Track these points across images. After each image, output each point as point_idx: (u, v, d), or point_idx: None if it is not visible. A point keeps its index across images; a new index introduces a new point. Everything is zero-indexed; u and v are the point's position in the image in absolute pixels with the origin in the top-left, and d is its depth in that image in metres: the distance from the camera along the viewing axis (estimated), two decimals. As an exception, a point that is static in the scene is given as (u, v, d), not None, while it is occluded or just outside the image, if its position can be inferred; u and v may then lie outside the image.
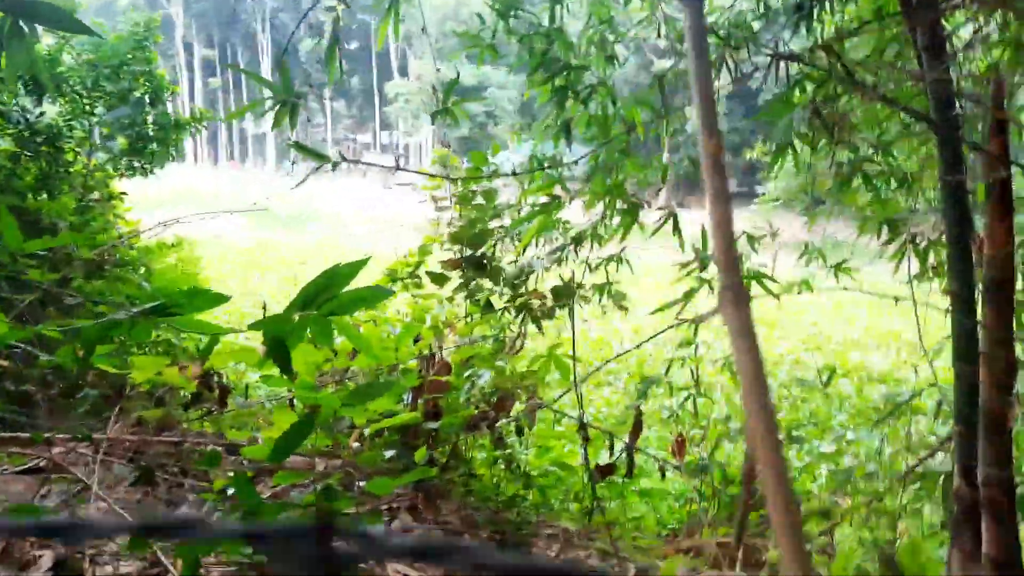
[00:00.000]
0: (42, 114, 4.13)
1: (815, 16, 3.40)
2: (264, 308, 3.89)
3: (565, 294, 4.35)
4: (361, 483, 2.32)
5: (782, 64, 3.16)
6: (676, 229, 3.15)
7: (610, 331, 12.67)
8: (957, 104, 2.32)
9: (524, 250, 3.79)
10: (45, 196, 3.82)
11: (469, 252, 4.56)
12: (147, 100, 4.79)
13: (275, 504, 1.60)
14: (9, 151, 3.87)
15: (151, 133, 4.89)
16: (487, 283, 4.53)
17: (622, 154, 3.33)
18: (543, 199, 3.40)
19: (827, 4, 3.40)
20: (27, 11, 1.45)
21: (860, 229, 3.86)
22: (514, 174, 3.13)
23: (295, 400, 2.80)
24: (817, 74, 2.64)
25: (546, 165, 3.03)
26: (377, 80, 60.44)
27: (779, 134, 3.08)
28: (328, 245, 27.90)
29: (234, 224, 33.62)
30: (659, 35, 3.19)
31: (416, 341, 3.46)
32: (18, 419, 2.86)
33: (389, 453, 2.23)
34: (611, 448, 3.09)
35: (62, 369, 2.65)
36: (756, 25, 3.74)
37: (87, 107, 4.44)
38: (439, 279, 4.52)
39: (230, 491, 2.18)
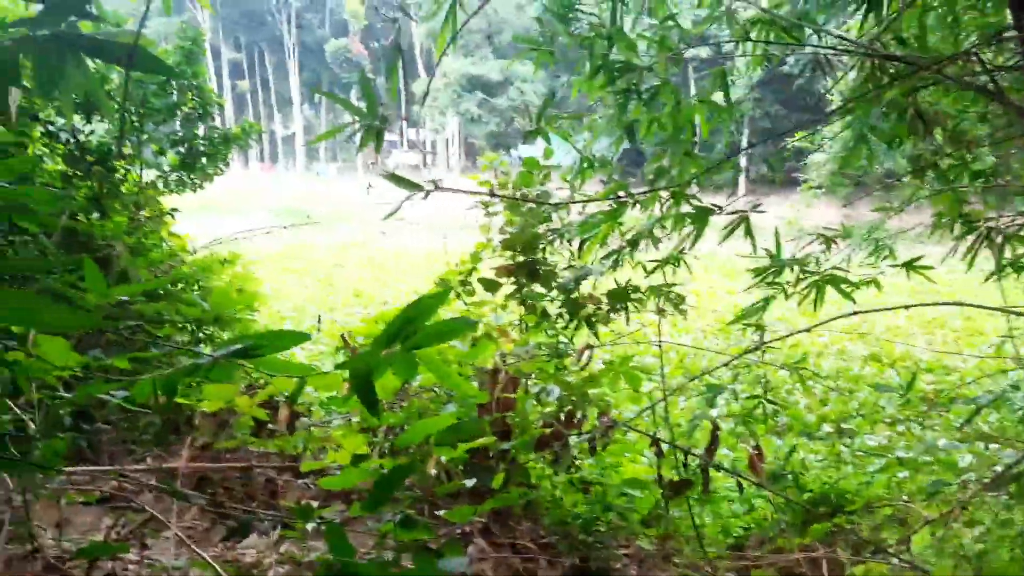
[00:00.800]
0: (92, 133, 4.12)
1: (884, 6, 3.24)
2: (319, 321, 3.83)
3: (622, 298, 4.24)
4: (438, 511, 2.24)
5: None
6: (748, 232, 3.02)
7: (658, 332, 12.52)
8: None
9: (583, 256, 3.68)
10: (97, 216, 3.80)
11: (521, 257, 4.46)
12: (196, 115, 4.78)
13: (371, 564, 1.51)
14: (60, 171, 3.86)
15: (201, 148, 4.87)
16: (541, 289, 4.44)
17: (687, 156, 3.21)
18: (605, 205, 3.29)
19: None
20: (112, 58, 1.38)
21: (935, 223, 3.70)
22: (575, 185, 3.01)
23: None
24: (902, 69, 2.49)
25: (611, 179, 2.91)
26: (402, 77, 60.48)
27: (857, 126, 2.94)
28: (359, 245, 28.04)
29: (268, 226, 33.97)
30: (730, 31, 3.06)
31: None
32: (83, 446, 2.83)
33: (470, 482, 2.15)
34: (684, 464, 2.98)
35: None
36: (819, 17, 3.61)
37: (136, 123, 4.42)
38: (492, 286, 4.42)
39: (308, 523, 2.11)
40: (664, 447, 2.91)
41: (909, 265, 3.76)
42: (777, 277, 3.11)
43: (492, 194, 2.69)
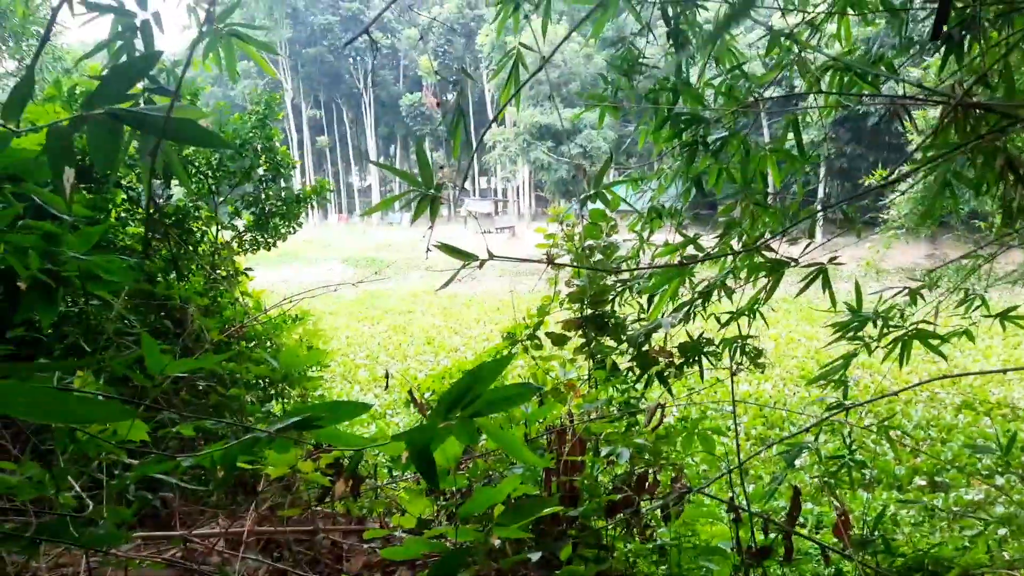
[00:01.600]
0: (170, 197, 4.29)
1: (965, 47, 3.10)
2: (387, 376, 3.82)
3: (695, 351, 4.10)
4: (503, 583, 2.15)
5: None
6: (826, 284, 2.88)
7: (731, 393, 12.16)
8: None
9: (654, 310, 3.58)
10: (174, 277, 3.92)
11: (589, 311, 4.39)
12: (270, 176, 4.93)
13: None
14: (139, 235, 4.01)
15: (274, 208, 5.02)
16: (610, 342, 4.34)
17: (759, 206, 3.10)
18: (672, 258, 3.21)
19: (980, 34, 3.09)
20: (167, 132, 1.41)
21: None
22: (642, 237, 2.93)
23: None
24: (991, 117, 2.35)
25: (681, 230, 2.83)
26: (474, 127, 61.69)
27: (939, 180, 2.79)
28: (431, 292, 28.41)
29: (343, 275, 34.86)
30: (803, 78, 2.96)
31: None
32: (153, 507, 2.86)
33: (535, 555, 2.06)
34: (764, 529, 2.81)
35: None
36: (893, 59, 3.48)
37: (212, 187, 4.58)
38: (560, 340, 4.35)
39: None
40: (744, 512, 2.76)
41: (1004, 315, 3.53)
42: (859, 331, 2.95)
43: (550, 262, 2.63)
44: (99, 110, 1.40)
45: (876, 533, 3.45)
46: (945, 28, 3.02)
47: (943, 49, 3.09)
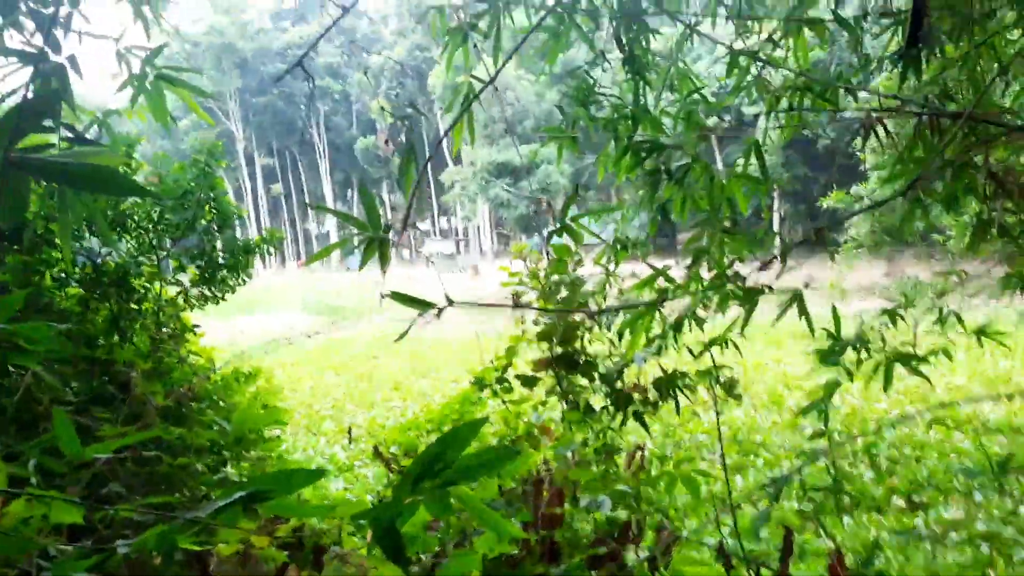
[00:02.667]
0: (109, 254, 4.05)
1: (924, 61, 3.06)
2: (349, 433, 3.62)
3: (670, 385, 3.98)
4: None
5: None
6: (802, 311, 2.77)
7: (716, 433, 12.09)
8: None
9: (629, 348, 3.45)
10: (117, 339, 3.68)
11: (559, 349, 4.24)
12: (215, 227, 4.71)
13: None
14: (78, 295, 3.77)
15: (221, 260, 4.79)
16: (583, 381, 4.19)
17: (726, 233, 3.00)
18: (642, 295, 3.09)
19: (936, 48, 3.06)
20: (76, 180, 1.23)
21: (1003, 284, 3.42)
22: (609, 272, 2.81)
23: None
24: (977, 129, 2.28)
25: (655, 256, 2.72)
26: (432, 169, 61.96)
27: (907, 189, 2.72)
28: (393, 336, 28.02)
29: (303, 323, 34.23)
30: (762, 98, 2.89)
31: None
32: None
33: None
34: (757, 574, 2.65)
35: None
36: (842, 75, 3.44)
37: (154, 241, 4.35)
38: (530, 382, 4.19)
39: None
40: (737, 558, 2.60)
41: (982, 332, 3.47)
42: (840, 357, 2.84)
43: (516, 305, 2.49)
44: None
45: (871, 565, 3.31)
46: (902, 42, 2.98)
47: (900, 64, 3.05)
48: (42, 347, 2.00)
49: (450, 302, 1.52)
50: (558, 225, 2.12)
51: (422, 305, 1.47)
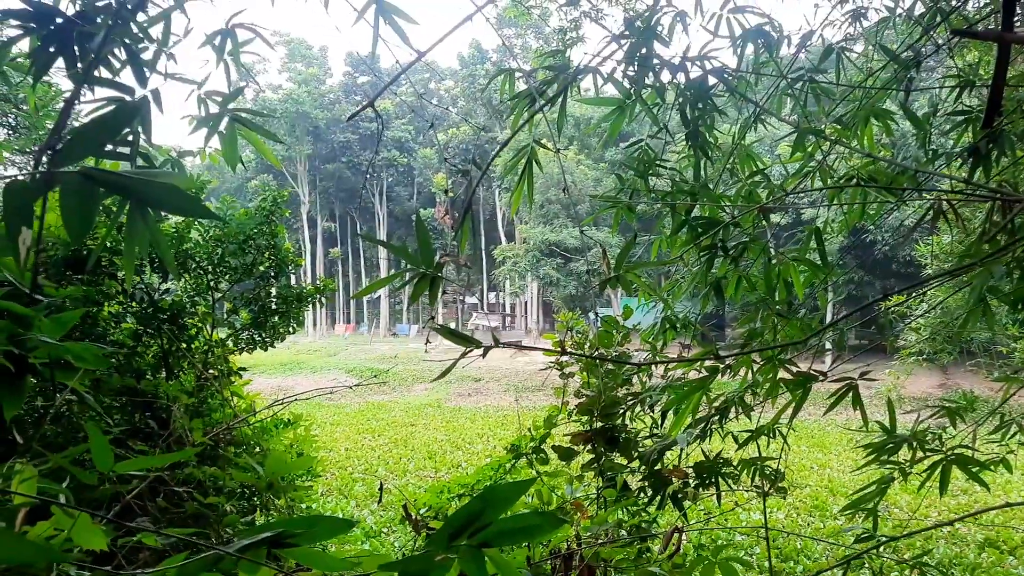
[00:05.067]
0: (167, 291, 4.15)
1: (993, 160, 3.01)
2: (380, 489, 3.56)
3: (712, 472, 3.84)
4: None
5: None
6: (857, 401, 2.66)
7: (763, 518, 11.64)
8: None
9: (673, 428, 3.34)
10: (164, 375, 3.73)
11: (599, 423, 4.14)
12: (272, 274, 4.81)
13: None
14: (131, 329, 3.84)
15: (274, 306, 4.87)
16: (621, 459, 4.08)
17: (781, 317, 2.93)
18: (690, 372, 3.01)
19: (1007, 146, 3.01)
20: (145, 196, 1.25)
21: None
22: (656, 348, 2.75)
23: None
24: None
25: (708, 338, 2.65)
26: (484, 244, 62.79)
27: (974, 294, 2.63)
28: (435, 405, 27.94)
29: (346, 386, 34.39)
30: (823, 183, 2.86)
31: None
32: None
33: None
34: None
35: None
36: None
37: (212, 282, 4.45)
38: (567, 454, 4.09)
39: None
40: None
41: (1047, 444, 3.29)
42: (893, 455, 2.71)
43: (563, 351, 2.45)
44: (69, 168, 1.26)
45: None
46: (974, 139, 2.94)
47: (971, 161, 3.00)
48: (90, 366, 2.03)
49: (497, 343, 1.50)
50: (612, 276, 2.08)
51: (468, 342, 1.44)
